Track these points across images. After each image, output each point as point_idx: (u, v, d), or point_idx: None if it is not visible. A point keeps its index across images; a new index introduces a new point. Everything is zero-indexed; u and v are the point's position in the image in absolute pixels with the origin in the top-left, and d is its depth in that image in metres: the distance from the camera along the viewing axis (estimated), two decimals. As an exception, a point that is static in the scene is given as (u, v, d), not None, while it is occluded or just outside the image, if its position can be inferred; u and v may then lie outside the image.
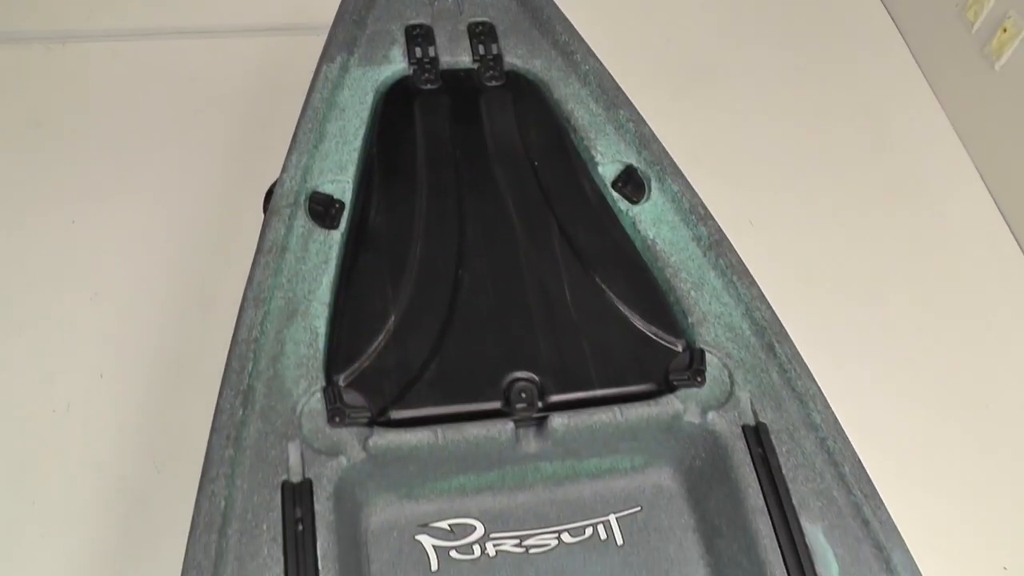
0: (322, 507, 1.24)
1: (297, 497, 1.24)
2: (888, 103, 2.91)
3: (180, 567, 1.19)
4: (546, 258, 1.53)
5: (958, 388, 2.28)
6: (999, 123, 2.69)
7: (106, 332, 2.16)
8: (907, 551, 1.29)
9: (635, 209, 1.60)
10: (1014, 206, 2.62)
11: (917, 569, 1.28)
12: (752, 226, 2.51)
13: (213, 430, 1.28)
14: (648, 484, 1.45)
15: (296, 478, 1.26)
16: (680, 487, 1.45)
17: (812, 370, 1.43)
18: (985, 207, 2.67)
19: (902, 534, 1.30)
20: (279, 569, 1.18)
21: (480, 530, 1.39)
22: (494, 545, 1.38)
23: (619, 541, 1.40)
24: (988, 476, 2.17)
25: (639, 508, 1.43)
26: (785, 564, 1.27)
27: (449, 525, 1.39)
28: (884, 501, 1.33)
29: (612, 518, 1.42)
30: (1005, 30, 2.68)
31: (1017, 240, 2.57)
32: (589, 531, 1.41)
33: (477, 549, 1.37)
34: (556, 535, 1.40)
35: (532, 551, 1.38)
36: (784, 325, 1.46)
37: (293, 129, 1.64)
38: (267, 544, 1.20)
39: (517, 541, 1.39)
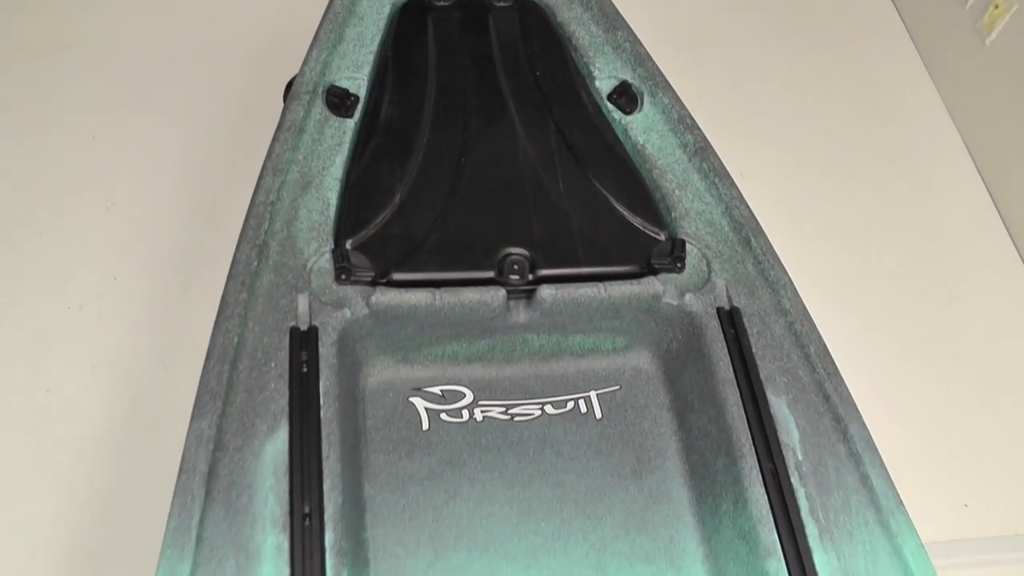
0: (326, 351, 1.34)
1: (304, 341, 1.34)
2: (881, 73, 3.01)
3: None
4: (543, 153, 1.64)
5: (928, 335, 2.38)
6: (987, 96, 2.80)
7: (120, 239, 2.27)
8: (863, 424, 1.39)
9: (627, 119, 1.71)
10: (995, 174, 2.73)
11: (871, 439, 1.39)
12: (743, 177, 2.61)
13: (229, 277, 1.38)
14: (628, 366, 1.55)
15: (303, 325, 1.36)
16: (657, 370, 1.55)
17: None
18: (967, 173, 2.77)
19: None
20: (284, 402, 1.29)
21: (469, 397, 1.49)
22: (482, 411, 1.48)
23: (598, 415, 1.50)
24: (952, 417, 2.26)
25: (618, 387, 1.54)
26: (750, 431, 1.37)
27: (441, 390, 1.49)
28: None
29: (592, 394, 1.52)
30: (997, 6, 2.80)
31: (996, 205, 2.68)
32: (571, 404, 1.51)
33: (466, 414, 1.47)
34: (540, 406, 1.50)
35: (517, 419, 1.48)
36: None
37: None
38: (274, 380, 1.30)
39: (503, 409, 1.49)
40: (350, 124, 1.61)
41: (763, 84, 2.89)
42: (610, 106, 1.73)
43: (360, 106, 1.64)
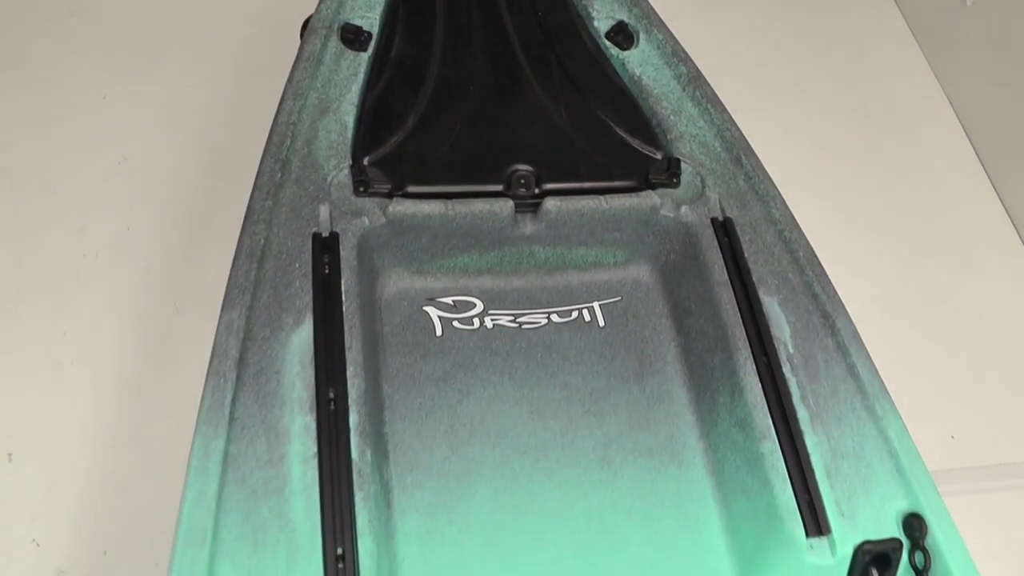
0: (347, 255, 1.42)
1: (326, 246, 1.42)
2: (865, 33, 3.14)
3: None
4: (546, 85, 1.74)
5: (915, 278, 2.48)
6: (969, 55, 2.92)
7: (133, 191, 2.35)
8: (850, 319, 1.49)
9: (624, 54, 1.81)
10: (977, 123, 2.84)
11: (857, 333, 1.48)
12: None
13: (255, 187, 1.47)
14: (628, 278, 1.64)
15: (325, 232, 1.45)
16: (656, 282, 1.64)
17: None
18: (950, 122, 2.89)
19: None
20: (308, 298, 1.37)
21: (480, 307, 1.58)
22: (492, 320, 1.56)
23: (601, 323, 1.59)
24: (938, 354, 2.37)
25: (619, 298, 1.63)
26: (744, 327, 1.46)
27: (453, 300, 1.58)
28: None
29: (596, 304, 1.61)
30: (977, -31, 2.91)
31: (979, 156, 2.79)
32: (575, 314, 1.60)
33: (477, 322, 1.56)
34: (546, 315, 1.59)
35: (525, 327, 1.57)
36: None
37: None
38: (298, 278, 1.39)
39: (512, 318, 1.58)
40: (364, 57, 1.70)
41: (751, 43, 2.99)
42: (608, 43, 1.83)
43: (373, 42, 1.73)
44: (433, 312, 1.56)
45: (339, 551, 1.18)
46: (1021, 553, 2.07)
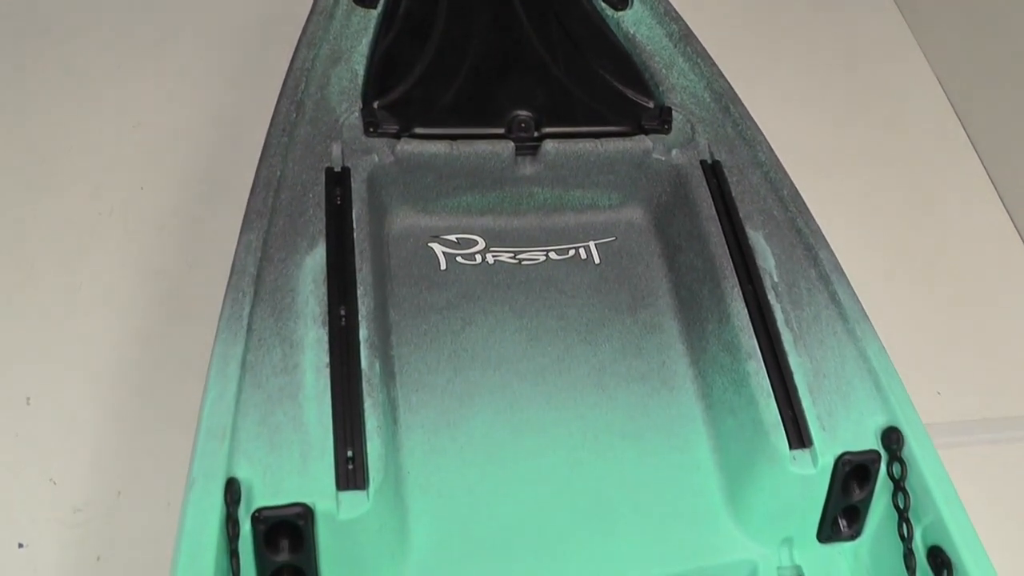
0: (357, 187, 1.51)
1: (338, 180, 1.51)
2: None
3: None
4: (545, 41, 1.83)
5: (901, 240, 2.57)
6: (949, 19, 3.01)
7: (146, 155, 2.43)
8: (831, 251, 1.58)
9: (619, 14, 1.91)
10: (957, 85, 2.94)
11: (838, 264, 1.57)
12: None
13: (272, 125, 1.56)
14: (623, 220, 1.73)
15: (337, 167, 1.54)
16: (649, 223, 1.73)
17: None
18: (930, 83, 2.98)
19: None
20: (321, 225, 1.45)
21: (482, 244, 1.66)
22: (493, 256, 1.65)
23: (596, 261, 1.68)
24: (925, 314, 2.45)
25: (614, 238, 1.72)
26: (731, 258, 1.55)
27: (456, 238, 1.66)
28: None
29: (591, 244, 1.70)
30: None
31: (958, 115, 2.89)
32: (572, 252, 1.69)
33: (479, 258, 1.65)
34: (544, 253, 1.68)
35: (524, 263, 1.66)
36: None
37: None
38: (312, 207, 1.47)
39: (512, 255, 1.66)
40: (374, 14, 1.80)
41: (724, 16, 3.08)
42: (604, 4, 1.92)
43: (382, 1, 1.83)
44: (438, 248, 1.64)
45: (349, 453, 1.26)
46: (1004, 503, 2.14)
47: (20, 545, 1.81)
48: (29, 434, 1.98)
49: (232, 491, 1.19)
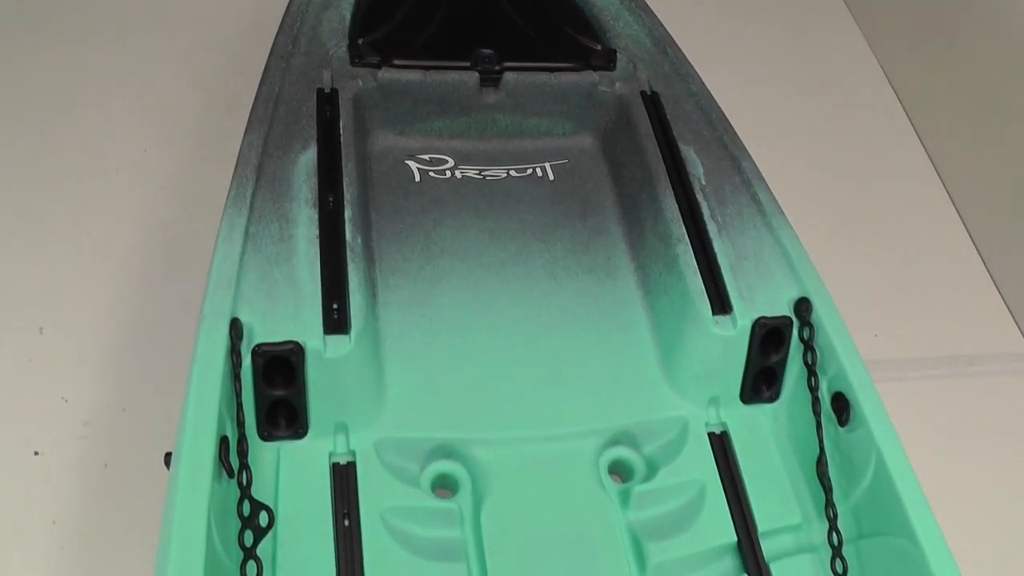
0: (344, 104, 1.76)
1: (327, 98, 1.76)
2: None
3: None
4: (502, 4, 2.10)
5: (840, 203, 2.83)
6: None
7: (149, 122, 2.68)
8: (753, 161, 1.83)
9: None
10: (897, 67, 3.22)
11: (759, 171, 1.82)
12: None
13: (271, 54, 1.83)
14: (575, 145, 1.99)
15: (327, 88, 1.79)
16: (597, 149, 1.99)
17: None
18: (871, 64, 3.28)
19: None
20: (313, 132, 1.70)
21: (451, 162, 1.91)
22: (461, 172, 1.90)
23: (551, 178, 1.93)
24: (861, 264, 2.70)
25: (567, 160, 1.97)
26: (665, 167, 1.80)
27: (429, 157, 1.91)
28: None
29: (547, 164, 1.95)
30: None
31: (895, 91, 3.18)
32: (530, 171, 1.93)
33: (448, 173, 1.89)
34: (506, 171, 1.93)
35: (488, 178, 1.90)
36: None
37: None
38: (305, 118, 1.72)
39: (477, 171, 1.91)
40: None
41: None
42: None
43: None
44: (413, 165, 1.89)
45: (335, 305, 1.49)
46: (935, 432, 2.34)
47: (36, 453, 2.00)
48: (42, 360, 2.18)
49: (236, 329, 1.41)
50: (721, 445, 1.61)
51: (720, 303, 1.62)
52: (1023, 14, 2.63)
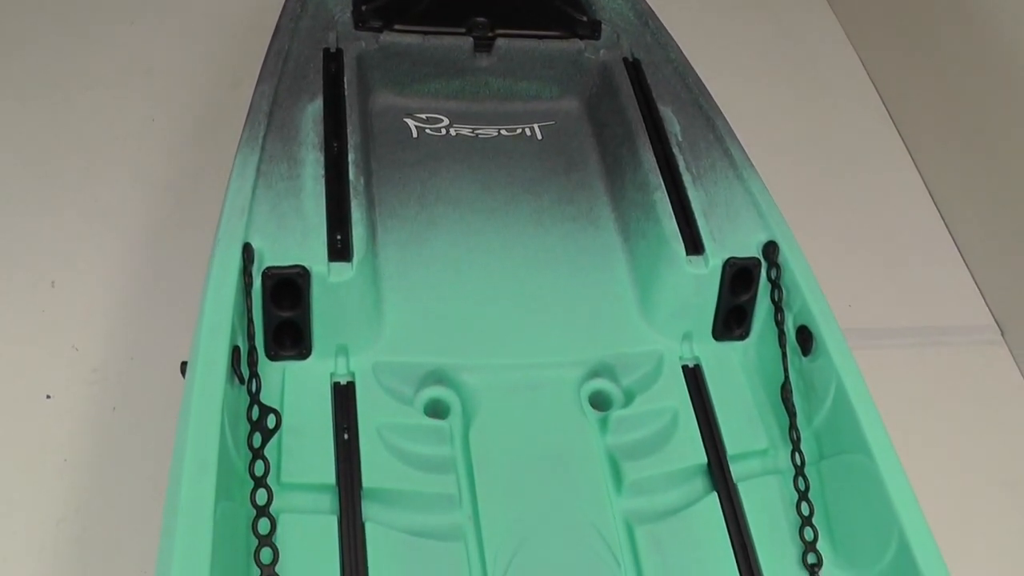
0: (348, 62, 1.89)
1: (333, 57, 1.90)
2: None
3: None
4: None
5: (812, 183, 2.96)
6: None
7: (157, 95, 2.81)
8: (727, 120, 1.97)
9: None
10: (872, 54, 3.38)
11: (732, 130, 1.96)
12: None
13: (281, 15, 1.98)
14: (561, 108, 2.12)
15: (332, 48, 1.92)
16: (583, 112, 2.12)
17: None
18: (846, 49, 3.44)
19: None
20: (319, 85, 1.83)
21: (447, 121, 2.05)
22: (455, 130, 2.03)
23: (539, 138, 2.06)
24: (834, 237, 2.83)
25: (554, 122, 2.10)
26: (644, 124, 1.93)
27: (426, 116, 2.04)
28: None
29: (536, 125, 2.08)
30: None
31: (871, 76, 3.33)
32: (519, 131, 2.07)
33: (444, 131, 2.03)
34: (497, 130, 2.06)
35: (480, 136, 2.03)
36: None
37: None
38: (312, 73, 1.86)
39: (471, 130, 2.04)
40: None
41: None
42: None
43: None
44: (411, 122, 2.02)
45: (338, 236, 1.61)
46: (905, 399, 2.45)
47: (48, 396, 2.11)
48: (54, 311, 2.29)
49: (248, 252, 1.53)
50: (694, 377, 1.73)
51: (693, 244, 1.75)
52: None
